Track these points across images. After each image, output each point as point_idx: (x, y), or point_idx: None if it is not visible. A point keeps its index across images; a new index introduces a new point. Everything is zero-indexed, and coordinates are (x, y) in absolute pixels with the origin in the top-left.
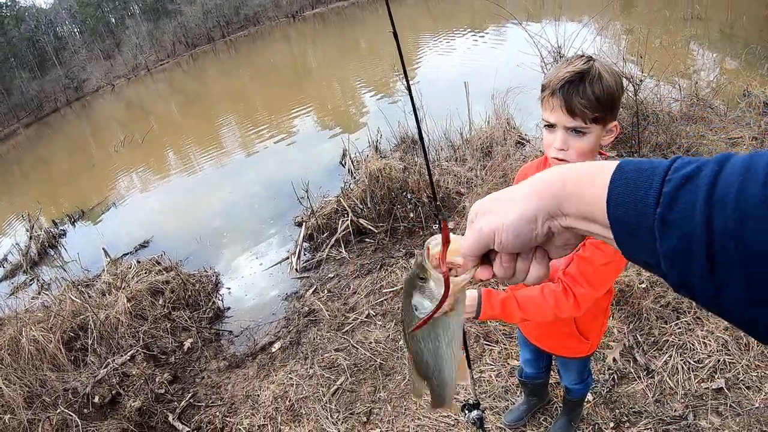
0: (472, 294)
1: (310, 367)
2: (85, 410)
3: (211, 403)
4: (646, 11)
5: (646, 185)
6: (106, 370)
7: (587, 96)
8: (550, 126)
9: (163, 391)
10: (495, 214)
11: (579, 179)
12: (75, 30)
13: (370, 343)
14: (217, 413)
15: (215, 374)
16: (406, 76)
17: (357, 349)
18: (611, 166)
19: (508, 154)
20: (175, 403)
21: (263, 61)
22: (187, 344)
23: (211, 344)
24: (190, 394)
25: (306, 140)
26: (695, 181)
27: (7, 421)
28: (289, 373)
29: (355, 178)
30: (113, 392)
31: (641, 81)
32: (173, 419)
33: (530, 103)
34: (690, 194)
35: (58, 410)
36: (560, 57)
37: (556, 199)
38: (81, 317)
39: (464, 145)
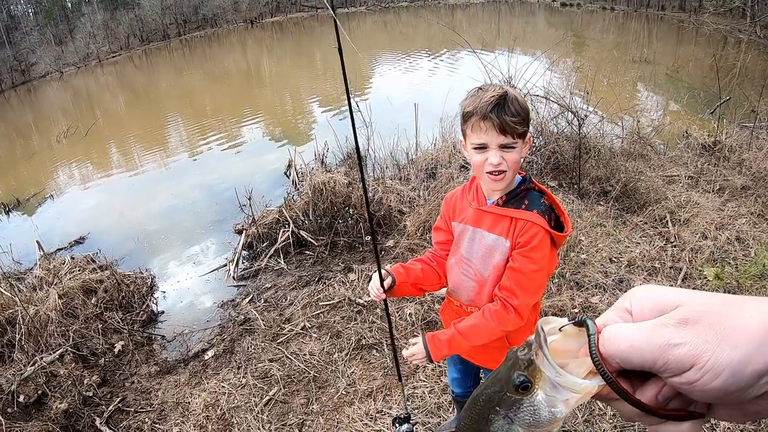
0: (416, 340)
1: (243, 377)
2: (9, 409)
3: (141, 408)
4: (596, 51)
5: None
6: (33, 368)
7: (513, 114)
8: (481, 147)
9: (91, 393)
10: (710, 335)
11: None
12: (29, 10)
13: (305, 355)
14: (146, 419)
15: (146, 379)
16: (348, 93)
17: (291, 360)
18: None
19: (452, 177)
20: (103, 407)
21: (217, 64)
22: (118, 347)
23: (143, 348)
24: (118, 399)
25: (252, 148)
26: None
27: None
28: (222, 382)
29: (298, 189)
30: (39, 392)
31: (586, 116)
32: (100, 423)
33: None
34: None
35: None
36: (511, 86)
37: None
38: (9, 311)
39: (409, 165)
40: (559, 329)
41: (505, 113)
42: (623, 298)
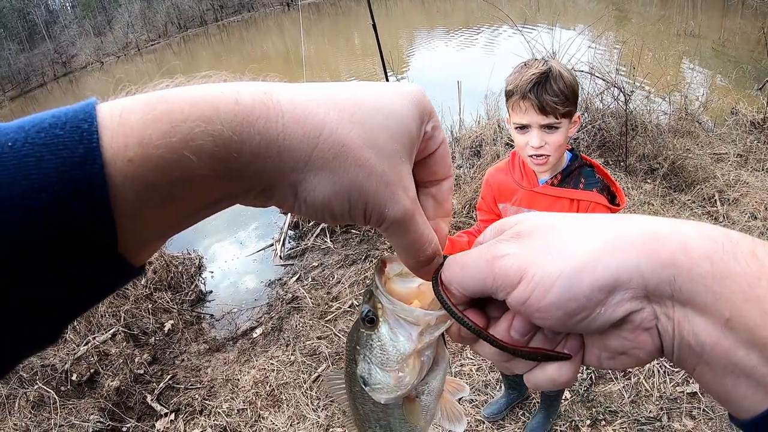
0: None
1: (292, 354)
2: (63, 387)
3: (190, 385)
4: (641, 24)
5: None
6: (85, 347)
7: (555, 93)
8: (523, 128)
9: (142, 371)
10: (541, 245)
11: (740, 249)
12: (67, 4)
13: None
14: (196, 396)
15: (195, 357)
16: (384, 66)
17: (339, 337)
18: None
19: (498, 155)
20: (154, 384)
21: (255, 48)
22: (167, 326)
23: (192, 327)
24: (169, 376)
25: None
26: None
27: None
28: (270, 359)
29: None
30: (92, 371)
31: (632, 92)
32: (151, 400)
33: None
34: None
35: (36, 386)
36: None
37: (672, 269)
38: None
39: (454, 143)
40: None
41: (546, 92)
42: (494, 231)
